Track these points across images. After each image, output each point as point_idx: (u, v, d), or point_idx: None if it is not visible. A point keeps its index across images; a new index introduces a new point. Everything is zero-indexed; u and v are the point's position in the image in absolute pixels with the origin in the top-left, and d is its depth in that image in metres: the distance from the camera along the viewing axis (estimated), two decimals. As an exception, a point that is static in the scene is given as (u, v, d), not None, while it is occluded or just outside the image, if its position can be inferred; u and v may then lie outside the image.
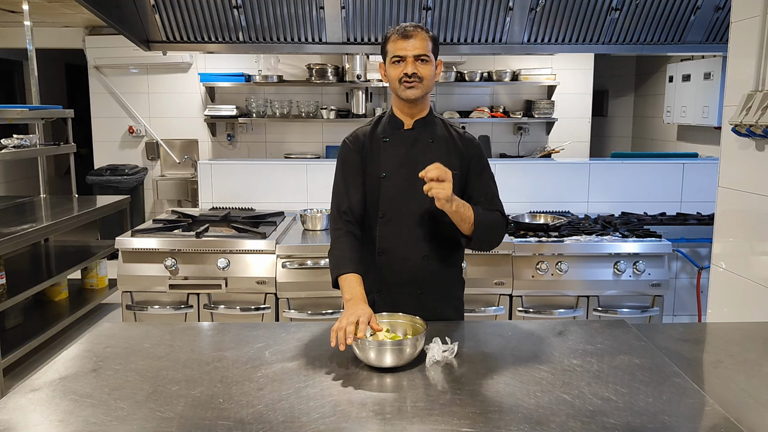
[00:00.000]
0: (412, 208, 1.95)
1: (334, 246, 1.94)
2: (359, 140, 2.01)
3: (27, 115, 4.53)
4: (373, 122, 2.06)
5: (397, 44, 1.90)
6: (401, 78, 1.89)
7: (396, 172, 1.96)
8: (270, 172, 3.87)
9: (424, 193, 1.87)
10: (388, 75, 1.95)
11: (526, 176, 3.84)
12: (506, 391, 1.44)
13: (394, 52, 1.90)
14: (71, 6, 4.95)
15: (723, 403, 1.39)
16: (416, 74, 1.88)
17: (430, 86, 1.95)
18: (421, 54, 1.88)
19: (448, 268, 2.05)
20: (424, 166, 1.84)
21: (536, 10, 3.54)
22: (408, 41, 1.88)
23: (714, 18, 3.61)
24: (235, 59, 6.19)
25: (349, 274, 1.84)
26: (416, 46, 1.88)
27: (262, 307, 3.04)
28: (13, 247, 3.54)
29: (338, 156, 2.05)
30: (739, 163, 2.34)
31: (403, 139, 1.99)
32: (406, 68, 1.88)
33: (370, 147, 2.00)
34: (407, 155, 1.97)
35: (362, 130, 2.04)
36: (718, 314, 2.49)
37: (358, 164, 1.99)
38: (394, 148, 1.98)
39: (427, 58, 1.90)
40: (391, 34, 1.93)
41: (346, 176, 2.00)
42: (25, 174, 6.99)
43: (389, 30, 1.95)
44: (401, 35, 1.89)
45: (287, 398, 1.40)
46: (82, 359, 1.63)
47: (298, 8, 3.50)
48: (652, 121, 6.74)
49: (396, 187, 1.96)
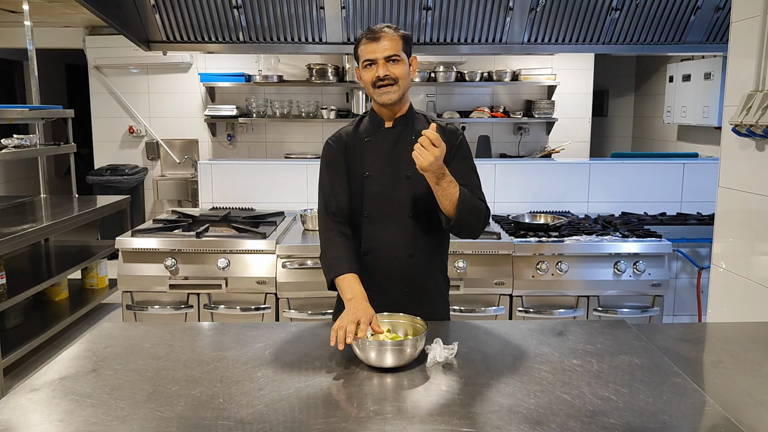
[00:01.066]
0: (396, 207, 1.95)
1: (328, 247, 1.94)
2: (342, 140, 2.02)
3: (27, 115, 4.53)
4: (356, 122, 2.06)
5: (366, 47, 1.89)
6: (375, 82, 1.89)
7: (379, 171, 1.96)
8: (270, 172, 3.87)
9: (407, 192, 1.88)
10: (363, 80, 1.93)
11: (526, 176, 3.84)
12: (506, 391, 1.44)
13: (364, 56, 1.89)
14: (71, 6, 4.95)
15: (723, 403, 1.39)
16: (389, 76, 1.87)
17: (406, 85, 1.93)
18: (391, 55, 1.87)
19: (434, 266, 2.05)
20: (408, 164, 1.85)
21: (536, 10, 3.54)
22: (377, 44, 1.87)
23: (714, 18, 3.61)
24: (235, 59, 6.19)
25: (347, 274, 1.84)
26: (386, 47, 1.86)
27: (262, 307, 3.04)
28: (13, 247, 3.54)
29: (322, 157, 2.05)
30: (740, 163, 2.34)
31: (385, 138, 1.99)
32: (377, 71, 1.87)
33: (353, 146, 2.00)
34: (390, 153, 1.97)
35: (345, 130, 2.05)
36: (718, 314, 2.49)
37: (343, 164, 1.99)
38: (377, 146, 1.98)
39: (399, 58, 1.88)
40: (360, 38, 1.91)
41: (332, 176, 2.00)
42: (25, 174, 6.99)
43: (359, 34, 1.93)
44: (370, 38, 1.88)
45: (287, 398, 1.40)
46: (82, 359, 1.63)
47: (298, 8, 3.50)
48: (652, 121, 6.74)
49: (380, 186, 1.96)
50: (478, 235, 1.95)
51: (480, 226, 1.94)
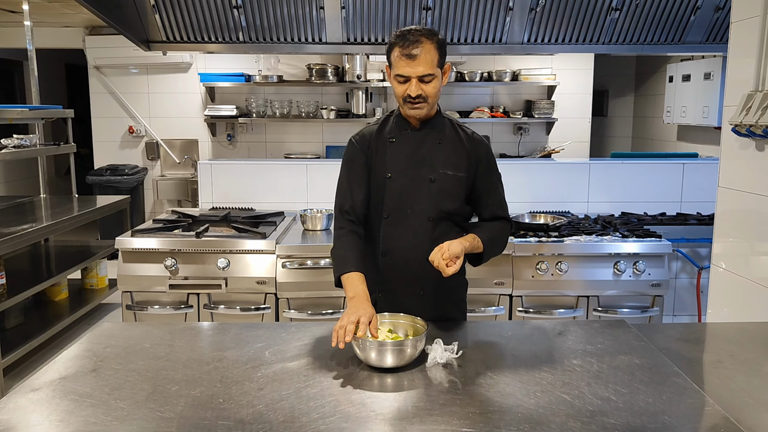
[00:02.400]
0: (417, 209, 1.95)
1: (337, 245, 1.94)
2: (365, 140, 2.00)
3: (27, 115, 4.53)
4: (381, 121, 2.04)
5: (400, 62, 1.82)
6: (405, 97, 1.86)
7: (402, 173, 1.95)
8: (270, 172, 3.87)
9: (429, 194, 1.89)
10: (393, 89, 1.90)
11: (526, 176, 3.84)
12: (506, 391, 1.44)
13: (397, 70, 1.84)
14: (71, 6, 4.95)
15: (723, 403, 1.39)
16: (421, 95, 1.84)
17: (437, 99, 1.92)
18: (425, 74, 1.82)
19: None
20: (431, 168, 1.88)
21: (536, 10, 3.54)
22: (412, 61, 1.80)
23: (714, 18, 3.61)
24: (235, 59, 6.19)
25: (351, 273, 1.84)
26: (420, 65, 1.80)
27: (262, 307, 3.04)
28: (13, 247, 3.54)
29: (344, 155, 2.04)
30: (739, 163, 2.34)
31: (410, 140, 1.97)
32: (410, 89, 1.84)
33: (376, 147, 1.98)
34: (413, 156, 1.96)
35: (369, 129, 2.03)
36: (718, 314, 2.49)
37: (363, 164, 1.98)
38: (401, 148, 1.97)
39: (432, 77, 1.84)
40: (395, 45, 1.84)
41: (350, 176, 1.99)
42: (25, 174, 6.99)
43: (394, 35, 1.86)
44: (405, 54, 1.81)
45: (287, 398, 1.40)
46: (82, 359, 1.63)
47: (298, 8, 3.50)
48: (652, 121, 6.74)
49: (401, 188, 1.95)
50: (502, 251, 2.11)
51: (503, 248, 2.07)
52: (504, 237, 2.04)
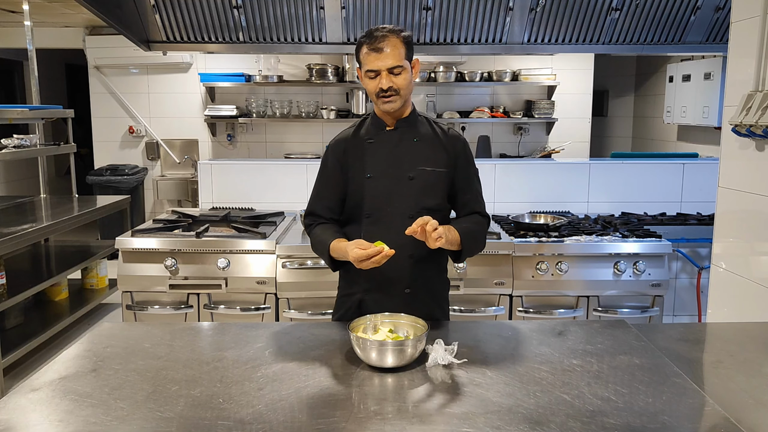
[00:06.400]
0: (398, 208, 1.97)
1: (311, 239, 2.08)
2: (340, 145, 2.06)
3: (27, 115, 4.53)
4: (357, 124, 2.09)
5: (369, 57, 1.89)
6: (377, 92, 1.91)
7: (381, 173, 1.98)
8: (270, 172, 3.87)
9: (409, 192, 1.94)
10: (365, 86, 1.96)
11: (526, 176, 3.84)
12: (506, 391, 1.44)
13: (367, 66, 1.90)
14: (71, 6, 4.95)
15: (723, 403, 1.39)
16: (392, 87, 1.89)
17: (409, 92, 1.96)
18: (394, 66, 1.88)
19: (434, 267, 2.06)
20: (410, 166, 1.94)
21: (536, 10, 3.54)
22: (380, 54, 1.87)
23: (714, 18, 3.61)
24: (235, 59, 6.19)
25: (333, 242, 1.94)
26: (388, 57, 1.87)
27: (262, 307, 3.04)
28: (13, 247, 3.54)
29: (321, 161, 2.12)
30: (739, 164, 2.34)
31: (387, 140, 2.01)
32: (381, 83, 1.89)
33: (353, 149, 2.02)
34: (391, 155, 1.99)
35: (344, 134, 2.08)
36: (718, 314, 2.49)
37: (337, 169, 2.04)
38: (379, 148, 2.00)
39: (401, 69, 1.89)
40: (362, 43, 1.91)
41: (322, 181, 2.09)
42: (25, 174, 6.99)
43: (361, 36, 1.93)
44: (372, 49, 1.87)
45: (287, 398, 1.40)
46: (82, 359, 1.63)
47: (298, 8, 3.50)
48: (652, 121, 6.74)
49: (381, 187, 1.98)
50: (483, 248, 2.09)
51: (483, 244, 2.07)
52: (482, 231, 2.05)
